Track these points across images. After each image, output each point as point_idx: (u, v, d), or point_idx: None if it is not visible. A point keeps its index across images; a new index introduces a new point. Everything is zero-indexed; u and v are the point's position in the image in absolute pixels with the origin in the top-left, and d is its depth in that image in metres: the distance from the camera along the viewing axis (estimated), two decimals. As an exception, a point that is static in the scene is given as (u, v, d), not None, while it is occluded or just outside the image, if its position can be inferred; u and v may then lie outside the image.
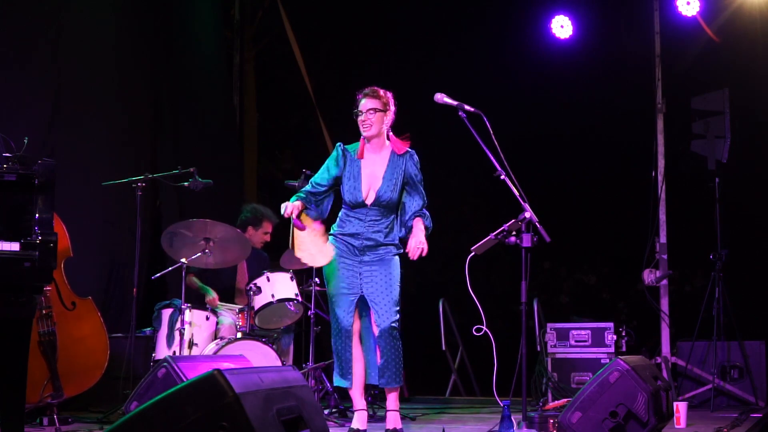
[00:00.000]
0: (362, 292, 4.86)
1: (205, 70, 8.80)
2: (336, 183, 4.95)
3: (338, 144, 4.98)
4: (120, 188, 6.22)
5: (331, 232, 4.95)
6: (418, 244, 4.80)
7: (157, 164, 7.37)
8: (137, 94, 7.62)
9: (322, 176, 4.96)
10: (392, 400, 4.90)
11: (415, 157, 4.97)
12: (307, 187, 4.96)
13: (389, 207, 4.91)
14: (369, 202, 4.88)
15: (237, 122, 9.44)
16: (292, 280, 6.14)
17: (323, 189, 4.94)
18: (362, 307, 4.90)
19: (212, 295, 6.33)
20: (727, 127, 7.27)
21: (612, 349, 7.07)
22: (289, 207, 4.79)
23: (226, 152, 9.00)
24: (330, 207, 5.00)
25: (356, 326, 4.91)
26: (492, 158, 4.57)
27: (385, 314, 4.80)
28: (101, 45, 7.23)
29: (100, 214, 6.97)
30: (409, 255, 4.81)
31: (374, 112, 4.85)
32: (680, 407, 5.29)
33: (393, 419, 4.88)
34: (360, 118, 4.89)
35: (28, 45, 6.54)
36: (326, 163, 4.98)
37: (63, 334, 5.43)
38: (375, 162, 4.93)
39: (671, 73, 7.82)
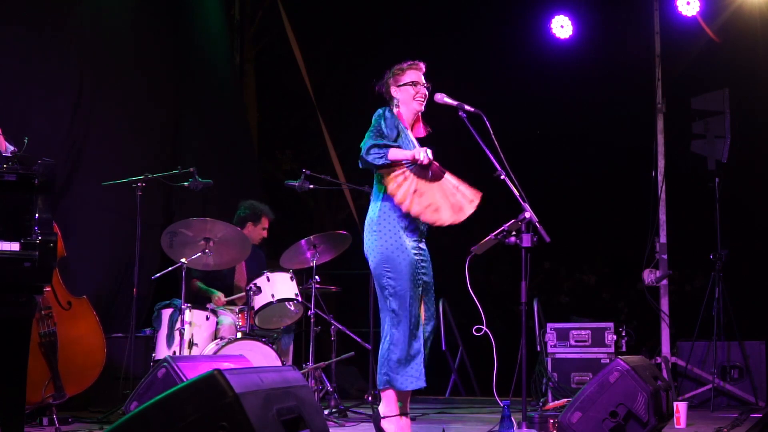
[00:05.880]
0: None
1: (214, 70, 8.81)
2: None
3: (385, 109, 4.55)
4: (132, 187, 6.18)
5: (405, 208, 4.40)
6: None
7: (174, 165, 7.37)
8: (154, 94, 7.64)
9: (388, 139, 4.43)
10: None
11: None
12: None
13: None
14: None
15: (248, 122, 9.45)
16: (292, 280, 6.14)
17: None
18: None
19: (218, 295, 6.38)
20: (727, 127, 7.27)
21: (612, 349, 7.07)
22: (429, 151, 4.29)
23: (242, 151, 8.99)
24: None
25: None
26: (492, 158, 4.56)
27: (432, 311, 4.55)
28: (120, 42, 7.27)
29: (115, 213, 6.94)
30: None
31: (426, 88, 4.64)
32: (680, 407, 5.29)
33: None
34: (416, 89, 4.59)
35: (48, 42, 6.55)
36: (380, 125, 4.45)
37: (60, 334, 5.43)
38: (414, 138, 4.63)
39: (671, 73, 7.82)
